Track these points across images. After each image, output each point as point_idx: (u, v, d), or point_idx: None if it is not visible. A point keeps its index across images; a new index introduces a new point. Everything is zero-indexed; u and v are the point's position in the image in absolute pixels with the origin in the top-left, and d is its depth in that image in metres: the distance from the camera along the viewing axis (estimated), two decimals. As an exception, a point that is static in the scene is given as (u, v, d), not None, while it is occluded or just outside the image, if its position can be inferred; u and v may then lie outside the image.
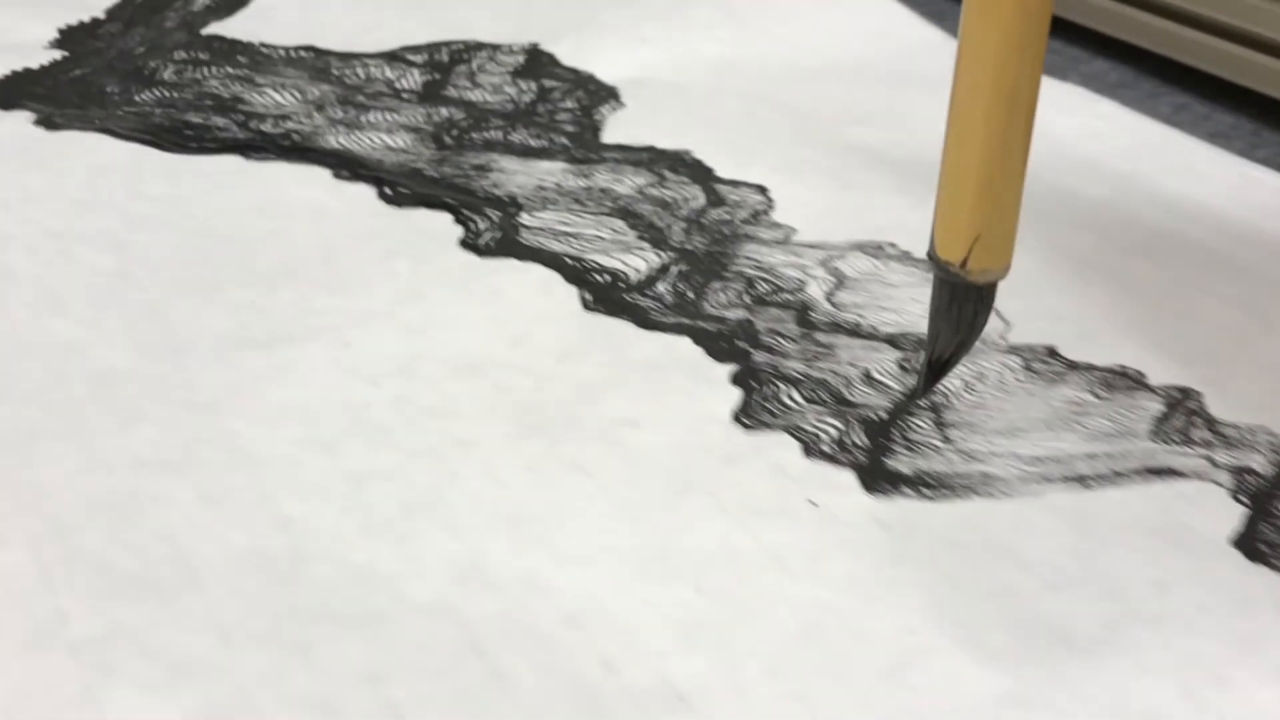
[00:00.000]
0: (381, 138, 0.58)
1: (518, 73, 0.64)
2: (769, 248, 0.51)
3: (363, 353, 0.45)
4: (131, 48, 0.65)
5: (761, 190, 0.55)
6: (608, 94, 0.63)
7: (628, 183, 0.55)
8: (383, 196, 0.54)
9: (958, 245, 0.37)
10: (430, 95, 0.62)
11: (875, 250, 0.51)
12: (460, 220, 0.52)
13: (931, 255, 0.38)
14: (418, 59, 0.65)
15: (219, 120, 0.58)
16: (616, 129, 0.60)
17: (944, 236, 0.37)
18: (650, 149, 0.58)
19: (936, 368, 0.41)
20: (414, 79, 0.63)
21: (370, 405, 0.43)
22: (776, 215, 0.54)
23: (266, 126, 0.58)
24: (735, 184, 0.56)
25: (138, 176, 0.54)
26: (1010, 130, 0.37)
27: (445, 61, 0.65)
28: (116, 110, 0.59)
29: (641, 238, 0.52)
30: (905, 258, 0.51)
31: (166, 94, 0.60)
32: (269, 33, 0.67)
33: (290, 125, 0.58)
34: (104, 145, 0.56)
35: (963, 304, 0.39)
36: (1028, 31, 0.35)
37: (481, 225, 0.52)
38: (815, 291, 0.49)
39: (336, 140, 0.57)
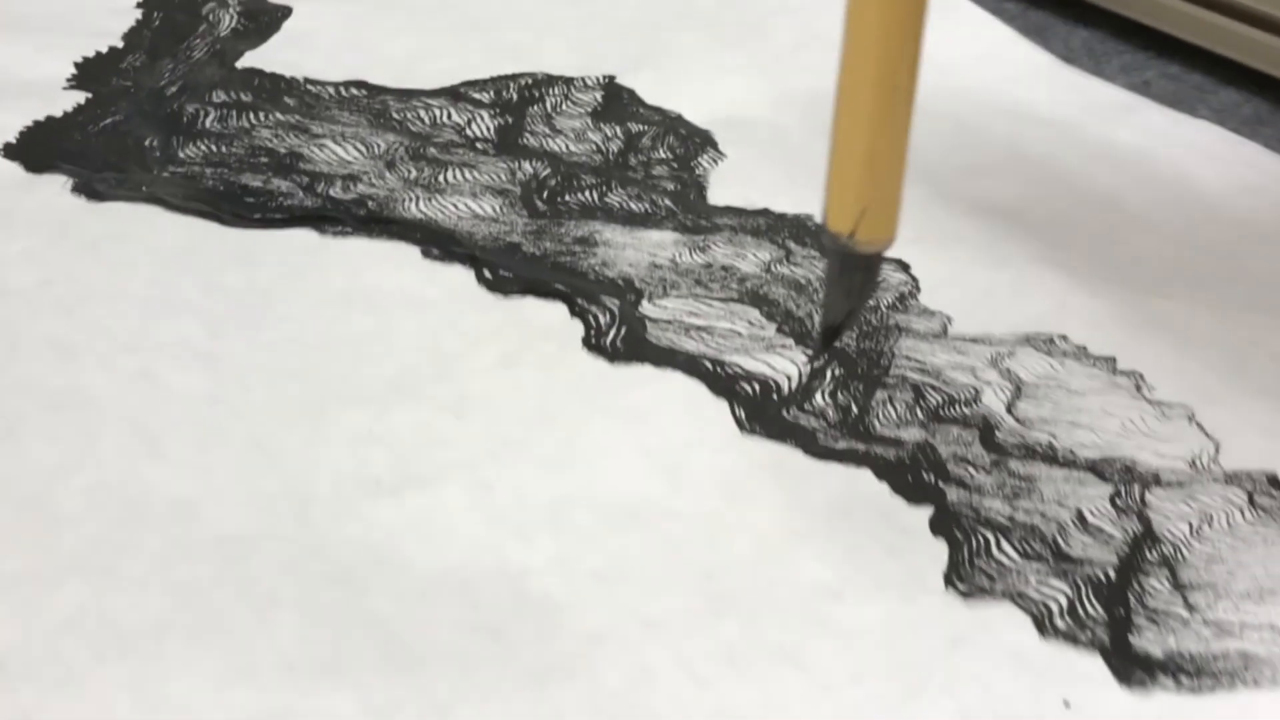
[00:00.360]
0: (466, 203, 0.52)
1: (598, 114, 0.58)
2: (928, 343, 0.46)
3: (506, 498, 0.40)
4: (162, 86, 0.58)
5: (904, 267, 0.50)
6: (703, 140, 0.57)
7: (751, 258, 0.50)
8: (483, 281, 0.48)
9: (846, 217, 0.38)
10: (508, 145, 0.56)
11: (1047, 345, 0.46)
12: (577, 313, 0.47)
13: (822, 227, 0.39)
14: (484, 98, 0.59)
15: (281, 184, 0.52)
16: (722, 186, 0.54)
17: (834, 209, 0.39)
18: (766, 213, 0.52)
19: (829, 334, 0.41)
20: (485, 123, 0.57)
21: (529, 573, 0.37)
22: (925, 299, 0.48)
23: (336, 191, 0.52)
24: (870, 259, 0.50)
25: (207, 263, 0.48)
26: (893, 107, 0.38)
27: (515, 100, 0.59)
28: (161, 170, 0.52)
29: (781, 331, 0.47)
30: (1081, 355, 0.46)
31: (214, 148, 0.54)
32: (311, 64, 0.60)
33: (362, 189, 0.52)
34: (159, 221, 0.50)
35: (853, 273, 0.40)
36: (907, 10, 0.36)
37: (603, 320, 0.46)
38: (994, 402, 0.44)
39: (417, 207, 0.51)
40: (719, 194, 0.54)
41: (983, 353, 0.46)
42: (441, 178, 0.53)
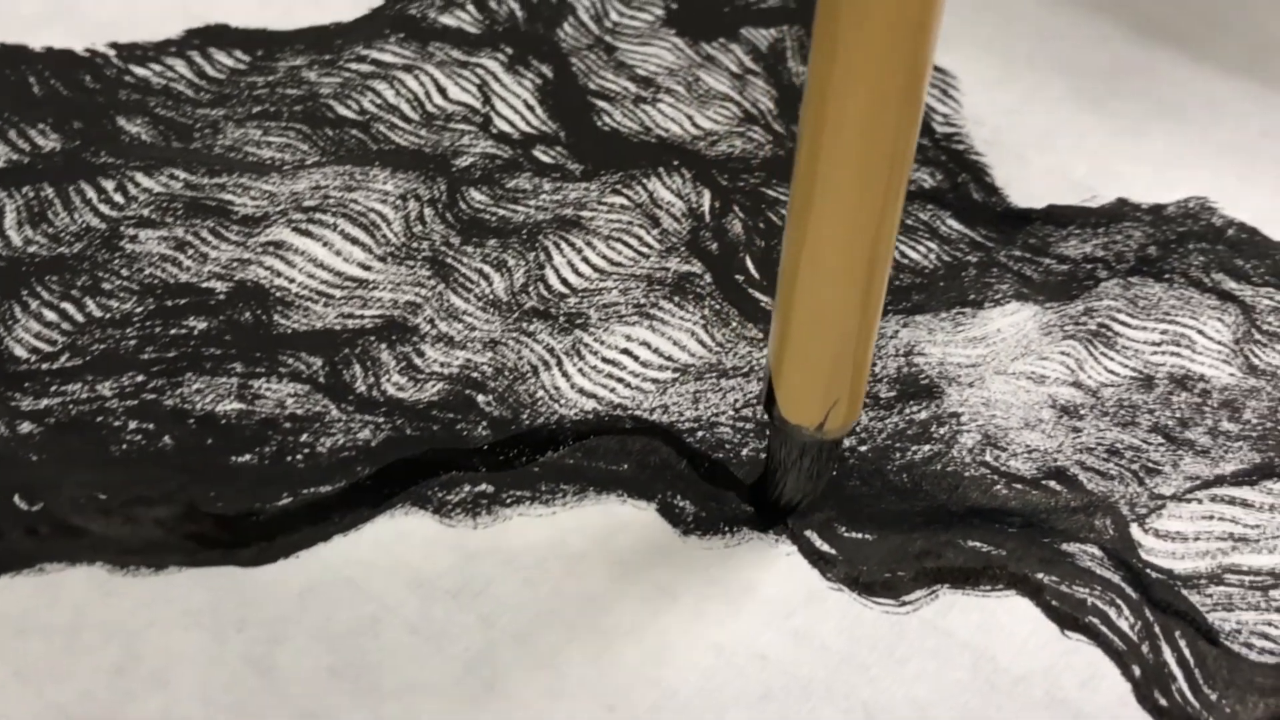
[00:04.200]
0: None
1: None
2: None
3: None
4: None
5: None
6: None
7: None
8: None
9: (813, 410, 0.36)
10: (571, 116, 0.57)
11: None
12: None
13: (773, 415, 0.36)
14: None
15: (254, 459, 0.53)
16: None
17: (796, 402, 0.36)
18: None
19: (786, 511, 0.40)
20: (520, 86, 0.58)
21: None
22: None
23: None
24: None
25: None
26: (871, 301, 0.35)
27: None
28: (81, 476, 0.53)
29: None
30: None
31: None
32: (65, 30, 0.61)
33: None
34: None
35: (815, 457, 0.38)
36: (890, 190, 0.34)
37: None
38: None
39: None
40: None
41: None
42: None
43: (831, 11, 0.34)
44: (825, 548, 0.48)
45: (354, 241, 0.55)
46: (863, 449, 0.50)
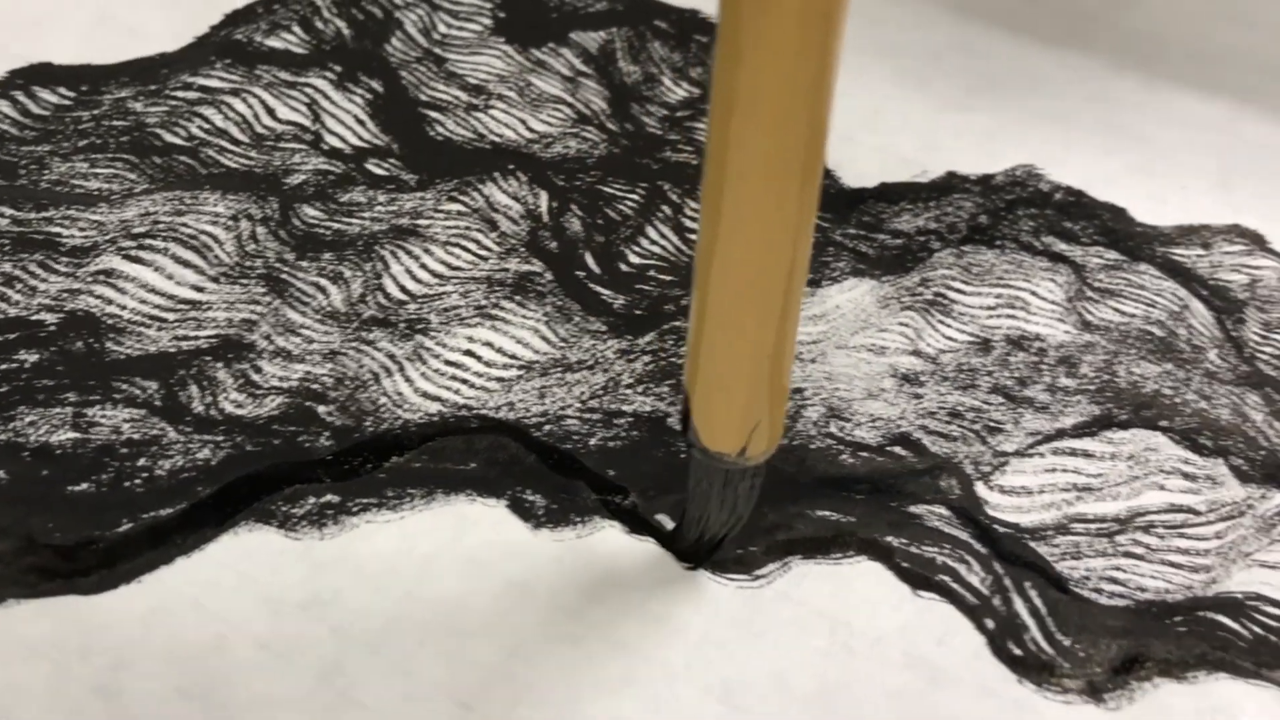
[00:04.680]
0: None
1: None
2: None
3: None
4: None
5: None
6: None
7: None
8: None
9: (734, 437, 0.35)
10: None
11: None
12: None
13: (693, 444, 0.35)
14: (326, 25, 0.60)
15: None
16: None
17: (715, 430, 0.35)
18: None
19: (711, 546, 0.40)
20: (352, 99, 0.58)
21: None
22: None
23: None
24: None
25: None
26: (789, 315, 0.34)
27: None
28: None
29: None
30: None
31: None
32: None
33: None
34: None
35: (738, 484, 0.37)
36: (805, 190, 0.32)
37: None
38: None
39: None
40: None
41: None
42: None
43: (734, 17, 0.32)
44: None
45: (185, 264, 0.54)
46: (711, 431, 0.50)
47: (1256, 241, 0.61)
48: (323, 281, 0.54)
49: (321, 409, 0.49)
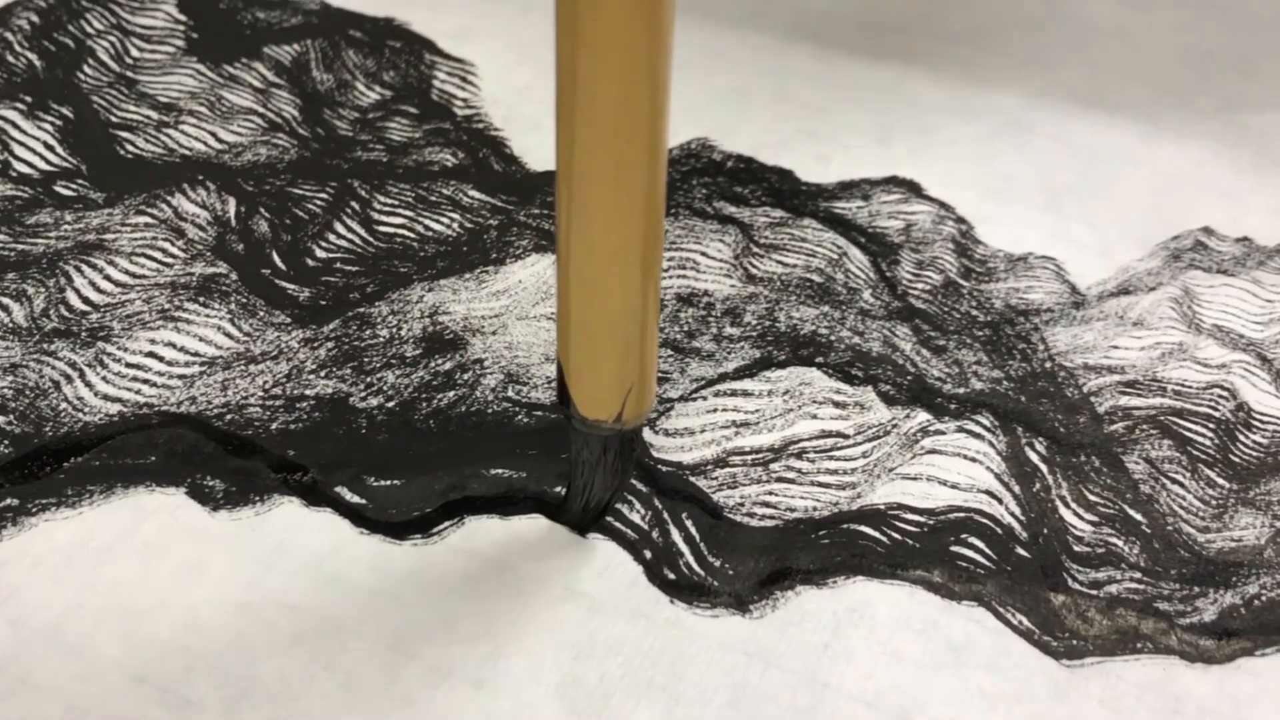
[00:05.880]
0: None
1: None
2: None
3: None
4: None
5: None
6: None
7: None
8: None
9: (609, 403, 0.36)
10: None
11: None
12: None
13: (570, 415, 0.36)
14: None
15: None
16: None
17: (590, 397, 0.36)
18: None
19: (596, 512, 0.42)
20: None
21: None
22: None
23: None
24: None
25: None
26: (651, 277, 0.35)
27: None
28: None
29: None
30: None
31: None
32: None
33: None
34: None
35: (618, 450, 0.39)
36: (653, 150, 0.33)
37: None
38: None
39: None
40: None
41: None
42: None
43: (570, 8, 0.33)
44: (356, 499, 0.50)
45: None
46: (390, 405, 0.53)
47: (913, 190, 0.65)
48: (5, 300, 0.56)
49: (0, 420, 0.51)
